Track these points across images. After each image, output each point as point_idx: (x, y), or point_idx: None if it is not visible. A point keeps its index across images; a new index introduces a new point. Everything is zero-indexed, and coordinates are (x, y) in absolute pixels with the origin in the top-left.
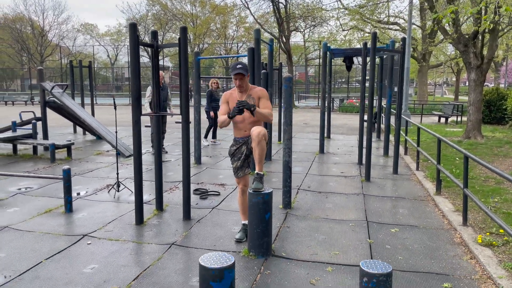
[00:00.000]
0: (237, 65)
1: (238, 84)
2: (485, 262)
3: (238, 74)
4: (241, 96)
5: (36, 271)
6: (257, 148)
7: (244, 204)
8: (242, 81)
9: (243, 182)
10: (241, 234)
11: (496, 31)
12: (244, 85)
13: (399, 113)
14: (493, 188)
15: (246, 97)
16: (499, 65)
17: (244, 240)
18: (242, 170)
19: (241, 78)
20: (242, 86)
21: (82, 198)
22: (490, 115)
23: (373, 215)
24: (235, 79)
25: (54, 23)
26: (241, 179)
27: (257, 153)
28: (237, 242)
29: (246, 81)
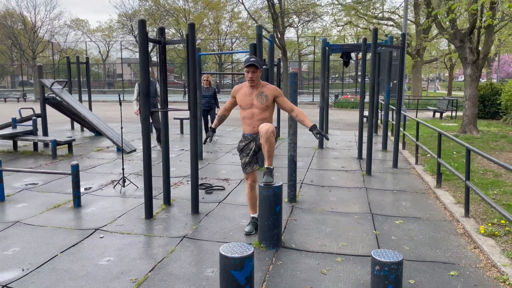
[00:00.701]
0: (250, 58)
1: (249, 76)
2: (489, 251)
3: (251, 66)
4: (252, 92)
5: (53, 264)
6: (265, 145)
7: (253, 199)
8: (254, 74)
9: (252, 178)
10: (251, 227)
11: (492, 27)
12: (255, 79)
13: (399, 108)
14: (492, 181)
15: (258, 94)
16: (491, 60)
17: (253, 232)
18: (251, 166)
19: (254, 71)
20: (254, 80)
21: (89, 193)
22: (484, 110)
23: (376, 208)
24: (247, 71)
25: (46, 19)
26: (250, 175)
27: (266, 149)
28: (247, 235)
29: (258, 76)
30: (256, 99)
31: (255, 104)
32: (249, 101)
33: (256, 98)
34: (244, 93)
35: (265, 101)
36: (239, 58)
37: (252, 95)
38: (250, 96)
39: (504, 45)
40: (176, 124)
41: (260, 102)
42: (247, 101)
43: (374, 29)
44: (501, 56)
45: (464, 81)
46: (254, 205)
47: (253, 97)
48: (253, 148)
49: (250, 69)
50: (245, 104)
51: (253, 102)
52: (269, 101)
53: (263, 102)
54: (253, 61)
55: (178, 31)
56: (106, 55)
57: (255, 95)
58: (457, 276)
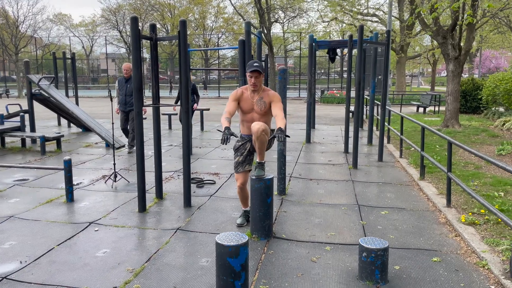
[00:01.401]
0: (254, 63)
1: (253, 82)
2: (469, 238)
3: (254, 71)
4: (253, 96)
5: (50, 256)
6: (257, 142)
7: (244, 196)
8: (257, 79)
9: (241, 180)
10: (242, 219)
11: (473, 24)
12: (258, 84)
13: (384, 103)
14: (473, 173)
15: (258, 99)
16: (473, 56)
17: (245, 224)
18: (242, 166)
19: (257, 76)
20: (257, 84)
21: (81, 188)
22: (466, 105)
23: (363, 199)
24: (251, 76)
25: (28, 14)
26: (240, 175)
27: (257, 146)
28: (239, 227)
29: (261, 81)
30: (256, 104)
31: (255, 109)
32: (250, 106)
33: (257, 103)
34: (246, 97)
35: (264, 108)
36: (225, 54)
37: (253, 99)
38: (251, 101)
39: (485, 41)
40: (164, 119)
41: (259, 108)
42: (248, 105)
43: (360, 26)
44: (483, 52)
45: (446, 76)
46: (246, 200)
47: (254, 101)
48: (248, 148)
49: (253, 74)
50: (246, 108)
51: (254, 107)
52: (267, 107)
53: (262, 109)
54: (256, 67)
55: (164, 26)
56: (90, 50)
57: (255, 100)
58: (439, 262)
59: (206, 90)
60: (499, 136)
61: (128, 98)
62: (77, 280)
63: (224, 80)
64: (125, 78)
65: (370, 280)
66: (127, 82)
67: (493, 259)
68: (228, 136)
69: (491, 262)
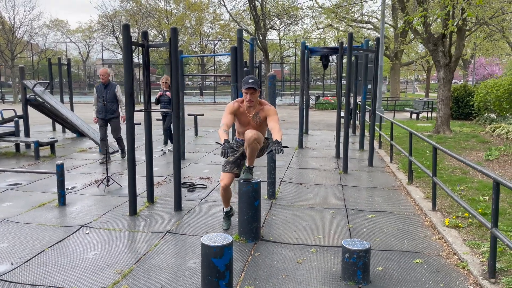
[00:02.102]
0: (249, 79)
1: (248, 98)
2: (452, 241)
3: (250, 88)
4: (249, 111)
5: (41, 258)
6: (248, 148)
7: (227, 196)
8: (253, 95)
9: (226, 181)
10: (227, 223)
11: (463, 31)
12: (254, 100)
13: (374, 109)
14: (460, 178)
15: (254, 114)
16: (468, 63)
17: (230, 226)
18: (231, 166)
19: (253, 93)
20: (253, 101)
21: (73, 192)
22: (458, 111)
23: (351, 203)
24: (246, 93)
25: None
26: (226, 175)
27: (248, 152)
28: (225, 231)
29: (257, 97)
30: (253, 119)
31: (252, 123)
32: (247, 120)
33: (253, 118)
34: (242, 112)
35: (259, 121)
36: (221, 60)
37: (250, 114)
38: (247, 115)
39: (479, 48)
40: (159, 125)
41: (255, 123)
42: (245, 120)
43: (349, 33)
44: (477, 59)
45: (437, 83)
46: (228, 200)
47: (250, 116)
48: (241, 151)
49: (249, 91)
50: (243, 122)
51: (250, 121)
52: (262, 120)
53: (258, 123)
54: (252, 83)
55: (160, 32)
56: (86, 56)
57: (252, 115)
58: (421, 264)
59: (202, 96)
60: (489, 142)
61: (108, 105)
62: (67, 281)
63: (220, 86)
64: (103, 84)
65: (352, 280)
66: (106, 88)
67: (473, 261)
68: (228, 150)
69: (471, 264)
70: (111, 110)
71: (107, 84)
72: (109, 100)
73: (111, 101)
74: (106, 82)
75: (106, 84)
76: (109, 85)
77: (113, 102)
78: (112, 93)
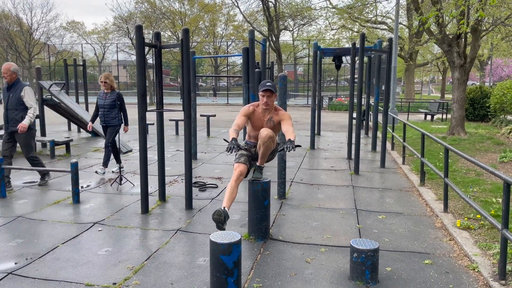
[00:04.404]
0: (266, 83)
1: (265, 101)
2: (463, 242)
3: (267, 90)
4: (264, 115)
5: (55, 254)
6: (262, 147)
7: (232, 194)
8: (269, 98)
9: (241, 168)
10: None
11: (478, 32)
12: (270, 103)
13: (386, 110)
14: (473, 179)
15: (268, 119)
16: (484, 64)
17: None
18: (244, 158)
19: (269, 96)
20: (269, 104)
21: (87, 191)
22: (474, 113)
23: (361, 204)
24: (263, 95)
25: (42, 21)
26: (240, 165)
27: (261, 151)
28: (236, 227)
29: (273, 100)
30: (266, 124)
31: (265, 127)
32: (260, 124)
33: (267, 123)
34: (257, 115)
35: (272, 125)
36: (234, 61)
37: (264, 118)
38: (262, 120)
39: (496, 49)
40: (172, 125)
41: (269, 127)
42: (259, 124)
43: (361, 34)
44: (494, 60)
45: (452, 84)
46: (230, 198)
47: (264, 121)
48: (252, 152)
49: (266, 93)
50: (256, 126)
51: (263, 126)
52: (276, 124)
53: (271, 127)
54: (269, 86)
55: (175, 33)
56: (102, 57)
57: (266, 120)
58: (431, 265)
59: (216, 97)
60: (504, 144)
61: (10, 113)
62: (79, 276)
63: (233, 88)
64: (7, 84)
65: (360, 280)
66: (9, 91)
67: (484, 262)
68: (234, 146)
69: (481, 265)
70: (14, 120)
71: (11, 85)
72: (12, 107)
73: (14, 108)
74: (11, 81)
75: (10, 84)
76: (14, 85)
77: (11, 110)
78: (15, 97)
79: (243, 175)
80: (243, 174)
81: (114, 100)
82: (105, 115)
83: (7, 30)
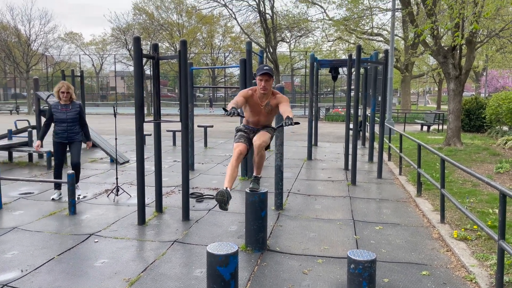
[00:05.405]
0: (264, 67)
1: (263, 85)
2: (460, 253)
3: (265, 74)
4: (262, 100)
5: (51, 266)
6: (257, 157)
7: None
8: (267, 82)
9: (241, 147)
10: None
11: (473, 44)
12: (268, 87)
13: (382, 121)
14: (470, 190)
15: (266, 104)
16: (480, 75)
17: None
18: (244, 139)
19: (267, 80)
20: (267, 88)
21: (84, 201)
22: (470, 124)
23: (359, 215)
24: (261, 80)
25: (40, 33)
26: (240, 144)
27: (256, 161)
28: (233, 238)
29: (271, 85)
30: (264, 108)
31: (262, 112)
32: (258, 109)
33: (264, 107)
34: (255, 100)
35: (270, 109)
36: (232, 72)
37: (262, 103)
38: (259, 105)
39: (491, 61)
40: (169, 136)
41: (267, 112)
42: (256, 109)
43: (357, 45)
44: (489, 71)
45: (447, 95)
46: (231, 178)
47: (262, 106)
48: (250, 136)
49: (263, 77)
50: (254, 110)
51: (261, 111)
52: (273, 108)
53: (269, 112)
54: (267, 70)
55: (172, 44)
56: (100, 68)
57: (263, 105)
58: (428, 276)
59: (212, 108)
60: (500, 154)
61: None
62: None
63: (231, 98)
64: None
65: None
66: None
67: (481, 273)
68: (235, 111)
69: (478, 276)
70: None
71: None
72: None
73: None
74: None
75: None
76: None
77: None
78: None
79: (243, 154)
80: (243, 153)
81: (77, 113)
82: (68, 130)
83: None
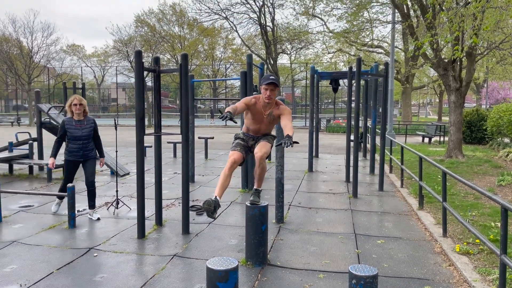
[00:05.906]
0: (270, 76)
1: (268, 95)
2: (462, 268)
3: (270, 83)
4: (265, 109)
5: (50, 280)
6: (258, 169)
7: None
8: (273, 92)
9: (235, 155)
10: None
11: (473, 56)
12: (273, 97)
13: (383, 133)
14: (472, 203)
15: (269, 113)
16: (481, 87)
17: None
18: (240, 147)
19: (272, 89)
20: (272, 97)
21: (83, 215)
22: (471, 135)
23: (360, 228)
24: (266, 89)
25: (42, 45)
26: (235, 153)
27: (258, 173)
28: (234, 252)
29: (276, 94)
30: (267, 118)
31: (264, 121)
32: (261, 117)
33: (267, 117)
34: (258, 109)
35: (272, 119)
36: (233, 83)
37: (265, 112)
38: (262, 113)
39: (492, 72)
40: (170, 147)
41: (269, 121)
42: (259, 117)
43: (358, 58)
44: (490, 83)
45: (448, 107)
46: (222, 187)
47: (265, 115)
48: (249, 144)
49: (269, 86)
50: (256, 118)
51: (263, 120)
52: (275, 118)
53: (270, 121)
54: (273, 79)
55: (174, 56)
56: (101, 79)
57: (266, 114)
58: None
59: (213, 119)
60: (502, 167)
61: None
62: None
63: None
64: None
65: None
66: None
67: None
68: (228, 115)
69: None
70: None
71: None
72: None
73: None
74: None
75: None
76: None
77: None
78: None
79: (237, 163)
80: (237, 162)
81: (92, 129)
82: (84, 147)
83: (7, 53)
